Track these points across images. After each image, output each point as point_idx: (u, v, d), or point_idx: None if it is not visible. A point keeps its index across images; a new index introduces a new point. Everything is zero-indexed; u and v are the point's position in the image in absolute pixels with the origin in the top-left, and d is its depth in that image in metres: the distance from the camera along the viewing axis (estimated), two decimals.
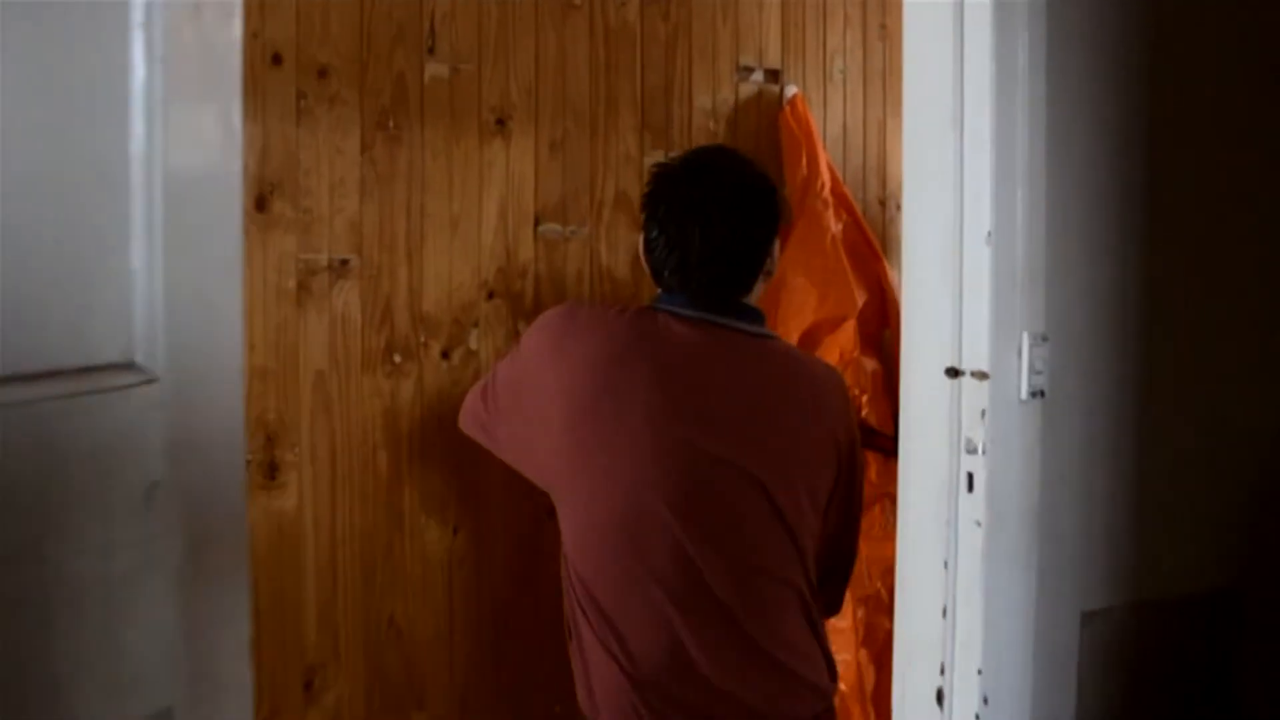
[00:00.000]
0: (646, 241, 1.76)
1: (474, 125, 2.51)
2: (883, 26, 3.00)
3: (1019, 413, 1.39)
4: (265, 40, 2.32)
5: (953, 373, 1.37)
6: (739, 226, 1.67)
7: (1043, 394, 1.40)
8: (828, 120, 2.92)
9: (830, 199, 2.78)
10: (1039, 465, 1.40)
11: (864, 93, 2.98)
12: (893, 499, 2.75)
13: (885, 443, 2.77)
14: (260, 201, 2.33)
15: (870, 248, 2.84)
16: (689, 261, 1.67)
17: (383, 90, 2.43)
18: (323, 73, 2.37)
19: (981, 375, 1.34)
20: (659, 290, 1.80)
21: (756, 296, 1.79)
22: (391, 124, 2.43)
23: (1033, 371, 1.39)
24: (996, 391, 1.36)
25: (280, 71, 2.34)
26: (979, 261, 1.36)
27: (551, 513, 2.56)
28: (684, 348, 1.63)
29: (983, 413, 1.34)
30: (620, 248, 2.67)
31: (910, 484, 1.48)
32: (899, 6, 3.12)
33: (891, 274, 2.88)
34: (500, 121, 2.54)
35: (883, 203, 3.01)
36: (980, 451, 1.35)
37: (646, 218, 1.77)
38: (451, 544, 2.53)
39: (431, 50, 2.47)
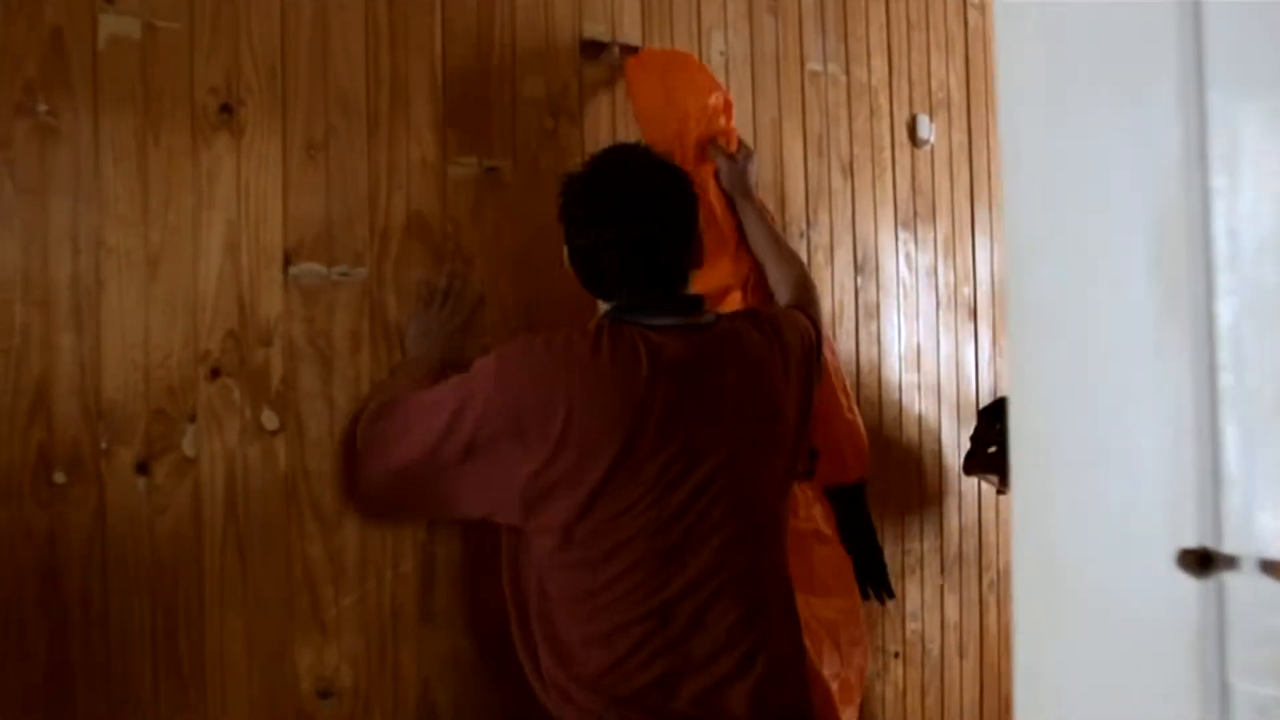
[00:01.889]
0: (577, 249, 1.70)
1: (184, 113, 1.65)
2: None
3: None
4: None
5: (1201, 562, 0.54)
6: (668, 220, 1.67)
7: None
8: None
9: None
10: None
11: (753, 82, 2.23)
12: (820, 537, 2.05)
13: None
14: None
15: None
16: (628, 263, 1.65)
17: (25, 54, 1.54)
18: None
19: None
20: (596, 298, 1.73)
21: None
22: (42, 107, 1.54)
23: None
24: None
25: None
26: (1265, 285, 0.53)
27: (326, 693, 1.72)
28: (671, 365, 1.62)
29: None
30: (417, 295, 1.83)
31: None
32: None
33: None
34: (227, 109, 1.68)
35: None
36: None
37: (570, 227, 1.70)
38: None
39: None
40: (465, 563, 1.87)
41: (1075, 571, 0.61)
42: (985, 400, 2.60)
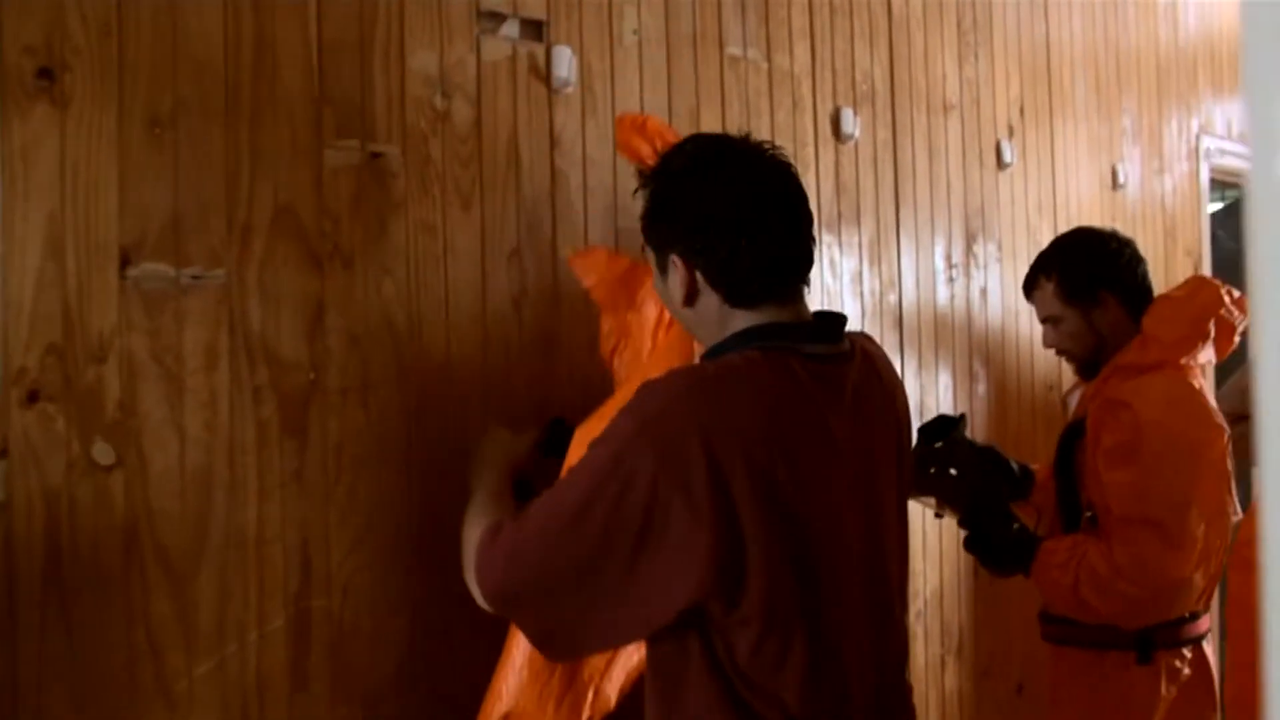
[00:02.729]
0: (718, 262, 1.39)
1: None
2: None
3: None
4: None
5: None
6: (809, 216, 1.45)
7: None
8: (615, 104, 1.91)
9: None
10: None
11: (669, 66, 2.00)
12: None
13: None
14: None
15: None
16: (782, 265, 1.40)
17: None
18: None
19: None
20: (729, 306, 1.41)
21: None
22: None
23: None
24: None
25: None
26: None
27: None
28: (837, 400, 1.39)
29: None
30: (288, 302, 1.54)
31: None
32: None
33: None
34: (47, 74, 1.37)
35: None
36: None
37: (693, 231, 1.39)
38: None
39: None
40: (347, 617, 1.59)
41: None
42: (916, 419, 2.42)
